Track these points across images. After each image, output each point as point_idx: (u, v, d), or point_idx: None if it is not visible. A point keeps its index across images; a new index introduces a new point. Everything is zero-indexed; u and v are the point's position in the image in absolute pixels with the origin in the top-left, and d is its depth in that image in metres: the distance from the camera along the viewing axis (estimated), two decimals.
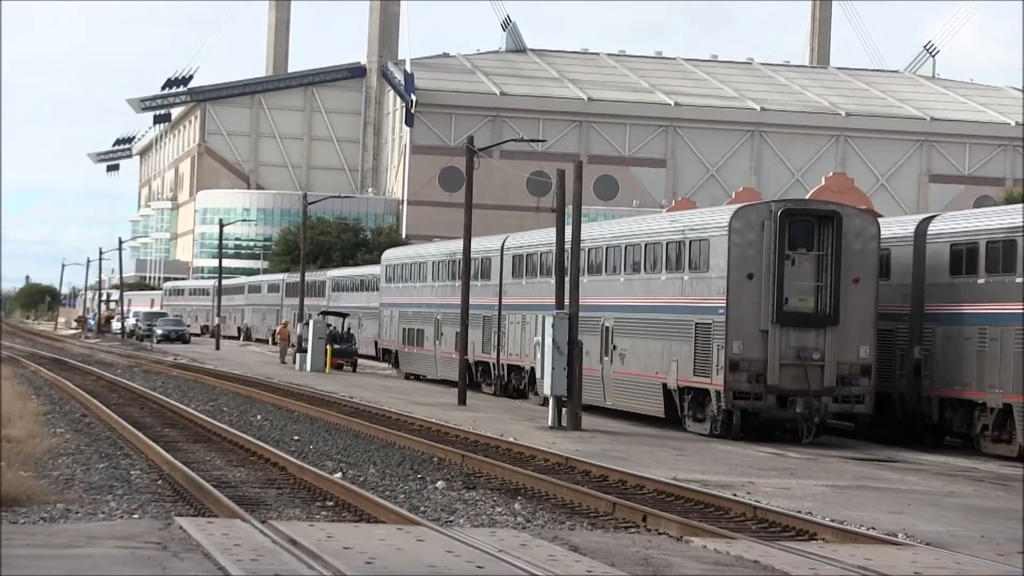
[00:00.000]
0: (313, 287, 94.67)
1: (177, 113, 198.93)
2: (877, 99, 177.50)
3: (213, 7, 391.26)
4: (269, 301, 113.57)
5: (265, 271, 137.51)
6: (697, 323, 36.99)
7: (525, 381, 49.83)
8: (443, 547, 16.15)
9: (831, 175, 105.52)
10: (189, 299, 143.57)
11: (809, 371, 35.41)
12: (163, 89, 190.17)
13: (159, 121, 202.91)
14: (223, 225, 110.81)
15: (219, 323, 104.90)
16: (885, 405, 37.07)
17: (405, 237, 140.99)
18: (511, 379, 51.54)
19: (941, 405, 35.95)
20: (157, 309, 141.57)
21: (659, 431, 37.92)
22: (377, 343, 73.34)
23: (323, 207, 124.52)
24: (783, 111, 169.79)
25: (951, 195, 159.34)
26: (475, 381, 53.31)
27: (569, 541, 17.87)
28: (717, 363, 35.79)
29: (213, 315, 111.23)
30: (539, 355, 40.09)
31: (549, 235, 45.76)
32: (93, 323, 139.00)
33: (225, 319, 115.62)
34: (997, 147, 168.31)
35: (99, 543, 15.77)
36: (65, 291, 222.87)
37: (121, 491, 22.09)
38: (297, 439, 32.13)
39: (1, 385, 39.65)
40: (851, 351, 35.77)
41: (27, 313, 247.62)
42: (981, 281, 34.40)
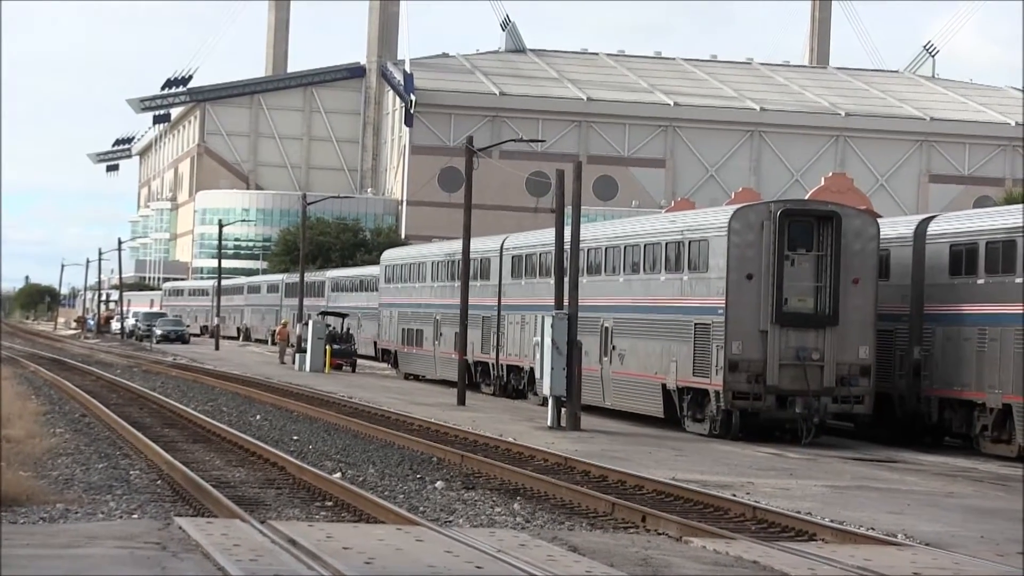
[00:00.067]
0: (312, 287, 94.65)
1: (176, 113, 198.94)
2: (877, 99, 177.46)
3: (213, 7, 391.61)
4: (268, 301, 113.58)
5: (264, 271, 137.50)
6: (696, 323, 37.00)
7: (524, 381, 49.83)
8: (442, 547, 16.15)
9: (830, 175, 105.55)
10: (188, 299, 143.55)
11: (808, 371, 35.40)
12: (163, 89, 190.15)
13: (159, 121, 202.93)
14: (222, 225, 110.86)
15: (218, 323, 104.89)
16: (884, 405, 37.07)
17: (404, 237, 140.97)
18: (510, 379, 51.54)
19: (940, 405, 35.94)
20: (156, 309, 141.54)
21: (658, 431, 37.92)
22: (376, 343, 73.35)
23: (322, 207, 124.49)
24: (782, 111, 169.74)
25: (951, 195, 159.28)
26: (474, 381, 53.32)
27: (568, 541, 17.87)
28: (716, 363, 35.79)
29: (212, 315, 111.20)
30: (538, 355, 40.10)
31: (548, 235, 45.76)
32: (92, 323, 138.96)
33: (224, 319, 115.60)
34: (997, 147, 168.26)
35: (98, 543, 15.78)
36: (64, 291, 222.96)
37: (120, 491, 22.09)
38: (296, 439, 32.13)
39: (1, 385, 39.64)
40: (850, 351, 35.76)
41: (27, 313, 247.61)
42: (981, 281, 34.39)
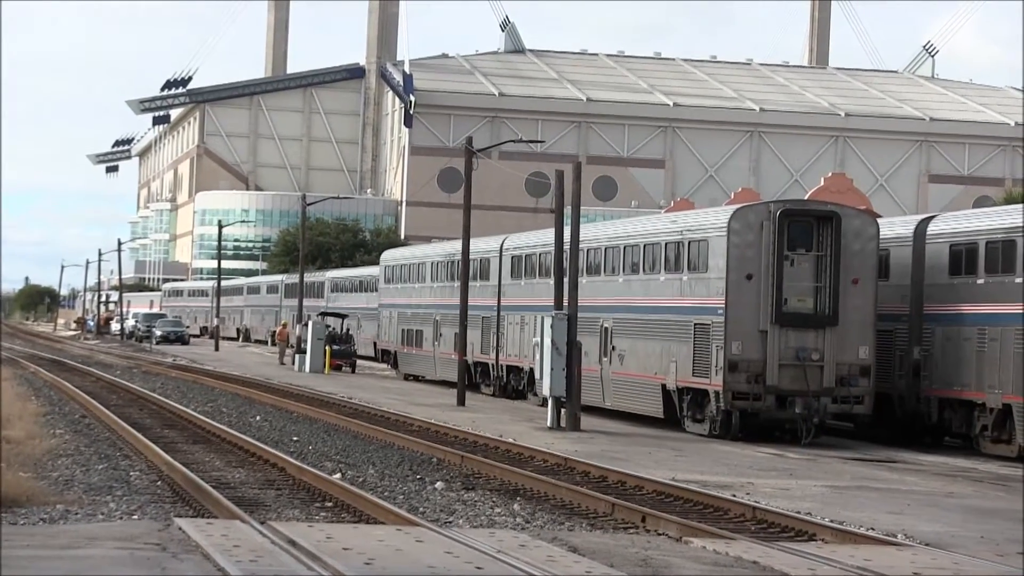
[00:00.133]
0: (312, 288, 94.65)
1: (176, 114, 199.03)
2: (876, 99, 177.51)
3: (213, 7, 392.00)
4: (268, 302, 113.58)
5: (264, 272, 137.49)
6: (696, 324, 36.99)
7: (524, 382, 49.83)
8: (442, 548, 16.15)
9: (830, 175, 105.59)
10: (188, 300, 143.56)
11: (808, 372, 35.39)
12: (162, 90, 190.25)
13: (158, 122, 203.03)
14: (222, 226, 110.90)
15: (218, 324, 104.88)
16: (884, 406, 37.07)
17: (404, 238, 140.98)
18: (510, 380, 51.54)
19: (940, 405, 35.94)
20: (156, 310, 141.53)
21: (658, 432, 37.91)
22: (376, 344, 73.34)
23: (322, 208, 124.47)
24: (782, 111, 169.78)
25: (950, 195, 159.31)
26: (474, 382, 53.31)
27: (568, 542, 17.87)
28: (716, 364, 35.79)
29: (212, 316, 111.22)
30: (538, 356, 40.09)
31: (548, 236, 45.77)
32: (92, 324, 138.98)
33: (224, 320, 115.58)
34: (996, 147, 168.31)
35: (98, 544, 15.78)
36: (64, 292, 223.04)
37: (120, 492, 22.09)
38: (296, 440, 32.12)
39: (1, 386, 39.64)
40: (850, 352, 35.76)
41: (26, 314, 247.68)
42: (980, 281, 34.39)
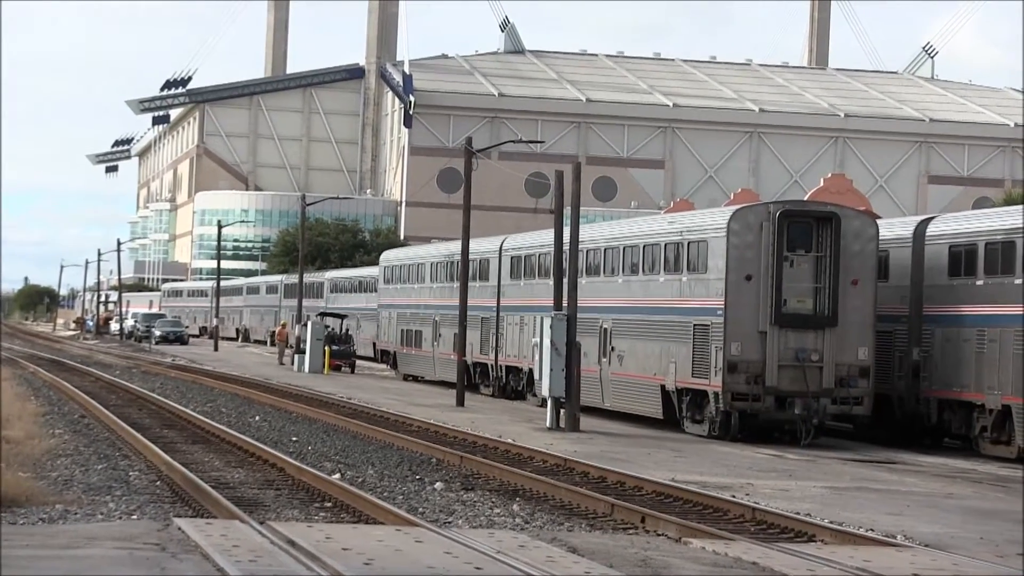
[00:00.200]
0: (311, 288, 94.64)
1: (176, 114, 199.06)
2: (876, 100, 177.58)
3: (212, 7, 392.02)
4: (267, 302, 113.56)
5: (263, 272, 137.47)
6: (695, 324, 36.99)
7: (523, 382, 49.82)
8: (441, 548, 16.15)
9: (830, 176, 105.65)
10: (187, 300, 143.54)
11: (808, 372, 35.39)
12: (162, 90, 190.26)
13: (158, 122, 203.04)
14: (221, 226, 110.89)
15: (217, 324, 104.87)
16: (884, 407, 37.07)
17: (403, 238, 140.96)
18: (509, 380, 51.53)
19: (940, 407, 35.94)
20: (155, 310, 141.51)
21: (657, 432, 37.91)
22: (375, 344, 73.34)
23: (321, 208, 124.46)
24: (782, 112, 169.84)
25: (950, 196, 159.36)
26: (473, 382, 53.30)
27: (567, 542, 17.88)
28: (715, 364, 35.78)
29: (211, 316, 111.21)
30: (537, 356, 40.09)
31: (547, 236, 45.77)
32: (92, 324, 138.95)
33: (223, 320, 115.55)
34: (996, 148, 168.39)
35: (98, 544, 15.78)
36: (63, 292, 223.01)
37: (120, 492, 22.09)
38: (295, 440, 32.12)
39: (0, 386, 39.63)
40: (850, 352, 35.75)
41: (26, 314, 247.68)
42: (980, 283, 34.39)
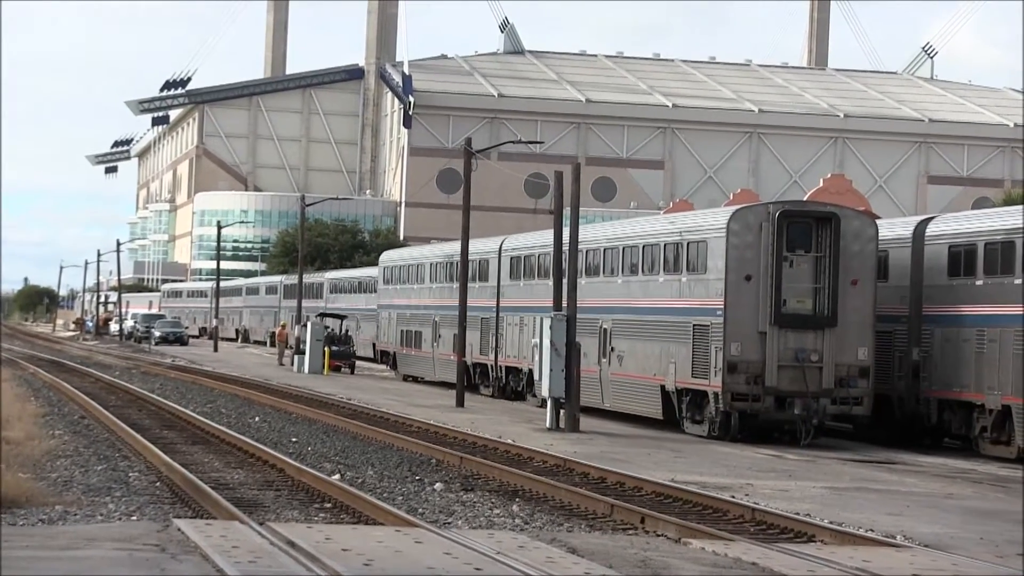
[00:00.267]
0: (311, 289, 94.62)
1: (175, 115, 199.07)
2: (875, 100, 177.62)
3: (212, 7, 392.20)
4: (267, 303, 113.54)
5: (263, 273, 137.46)
6: (695, 325, 36.99)
7: (523, 383, 49.82)
8: (441, 549, 16.15)
9: (829, 176, 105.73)
10: (187, 301, 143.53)
11: (807, 373, 35.38)
12: (161, 91, 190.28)
13: (157, 123, 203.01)
14: (221, 227, 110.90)
15: (217, 325, 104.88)
16: (884, 407, 37.06)
17: (403, 239, 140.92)
18: (509, 381, 51.52)
19: (940, 407, 35.93)
20: (155, 311, 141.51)
21: (657, 433, 37.91)
22: (375, 345, 73.33)
23: (321, 209, 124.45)
24: (781, 112, 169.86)
25: (949, 196, 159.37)
26: (473, 383, 53.28)
27: (567, 543, 17.88)
28: (715, 365, 35.77)
29: (211, 317, 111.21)
30: (537, 357, 40.08)
31: (547, 237, 45.77)
32: (91, 325, 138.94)
33: (223, 321, 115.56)
34: (995, 148, 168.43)
35: (97, 545, 15.78)
36: (63, 293, 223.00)
37: (119, 493, 22.08)
38: (295, 441, 32.12)
39: (0, 387, 39.63)
40: (849, 353, 35.75)
41: (25, 315, 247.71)
42: (979, 283, 34.38)
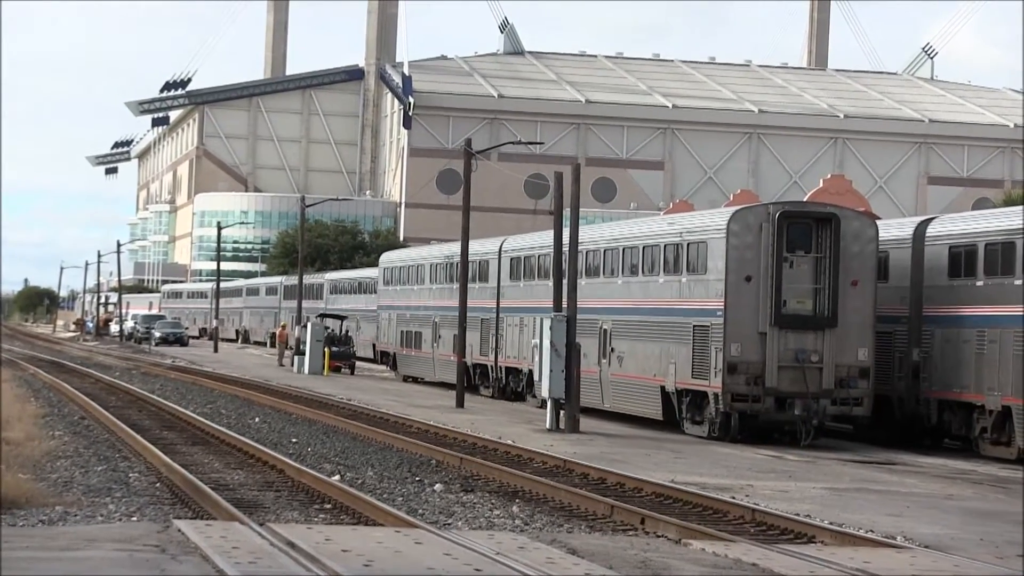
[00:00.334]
0: (311, 290, 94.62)
1: (175, 116, 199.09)
2: (875, 101, 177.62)
3: (212, 7, 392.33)
4: (267, 304, 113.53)
5: (263, 274, 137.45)
6: (695, 325, 36.98)
7: (523, 383, 49.80)
8: (441, 550, 16.15)
9: (829, 177, 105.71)
10: (187, 302, 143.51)
11: (807, 373, 35.37)
12: (161, 92, 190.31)
13: (157, 124, 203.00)
14: (221, 228, 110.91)
15: (217, 326, 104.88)
16: (884, 407, 37.05)
17: (403, 240, 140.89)
18: (509, 382, 51.51)
19: (940, 407, 35.93)
20: (155, 312, 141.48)
21: (657, 433, 37.90)
22: (375, 346, 73.32)
23: (321, 210, 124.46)
24: (781, 113, 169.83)
25: (950, 197, 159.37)
26: (473, 384, 53.27)
27: (567, 544, 17.87)
28: (715, 365, 35.77)
29: (211, 318, 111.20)
30: (537, 358, 40.07)
31: (547, 237, 45.76)
32: (91, 326, 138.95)
33: (223, 322, 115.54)
34: (996, 149, 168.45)
35: (97, 545, 15.77)
36: (63, 294, 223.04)
37: (119, 494, 22.08)
38: (295, 442, 32.12)
39: (0, 388, 39.63)
40: (849, 353, 35.74)
41: (26, 316, 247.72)
42: (980, 283, 34.38)
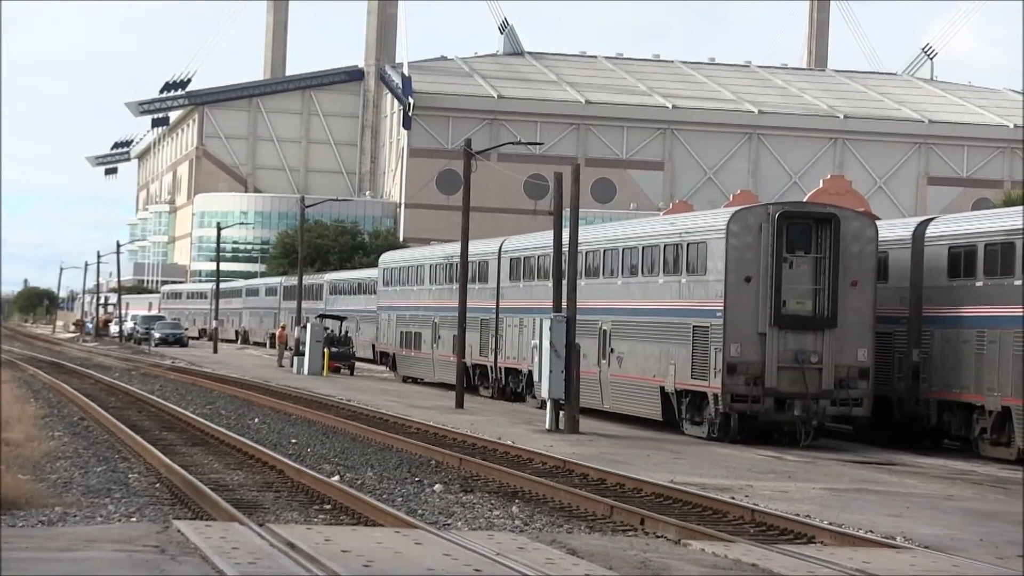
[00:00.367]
0: (311, 290, 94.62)
1: (175, 116, 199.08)
2: (875, 101, 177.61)
3: (212, 7, 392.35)
4: (267, 304, 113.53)
5: (263, 274, 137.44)
6: (695, 326, 36.98)
7: (523, 384, 49.80)
8: (441, 550, 16.14)
9: (829, 177, 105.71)
10: (187, 302, 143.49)
11: (807, 374, 35.37)
12: (161, 92, 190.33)
13: (157, 124, 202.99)
14: (221, 228, 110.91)
15: (217, 326, 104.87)
16: (883, 408, 37.05)
17: (402, 240, 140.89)
18: (508, 382, 51.51)
19: (939, 408, 35.92)
20: (155, 312, 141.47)
21: (657, 434, 37.90)
22: (375, 346, 73.31)
23: (321, 210, 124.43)
24: (781, 114, 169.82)
25: (949, 197, 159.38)
26: (472, 384, 53.27)
27: (567, 544, 17.87)
28: (715, 366, 35.76)
29: (211, 318, 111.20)
30: (537, 358, 40.07)
31: (546, 238, 45.76)
32: (91, 326, 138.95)
33: (223, 322, 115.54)
34: (995, 149, 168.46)
35: (97, 546, 15.77)
36: (63, 294, 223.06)
37: (119, 494, 22.07)
38: (295, 442, 32.11)
39: (0, 388, 39.66)
40: (849, 354, 35.73)
41: (25, 316, 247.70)
42: (979, 284, 34.38)
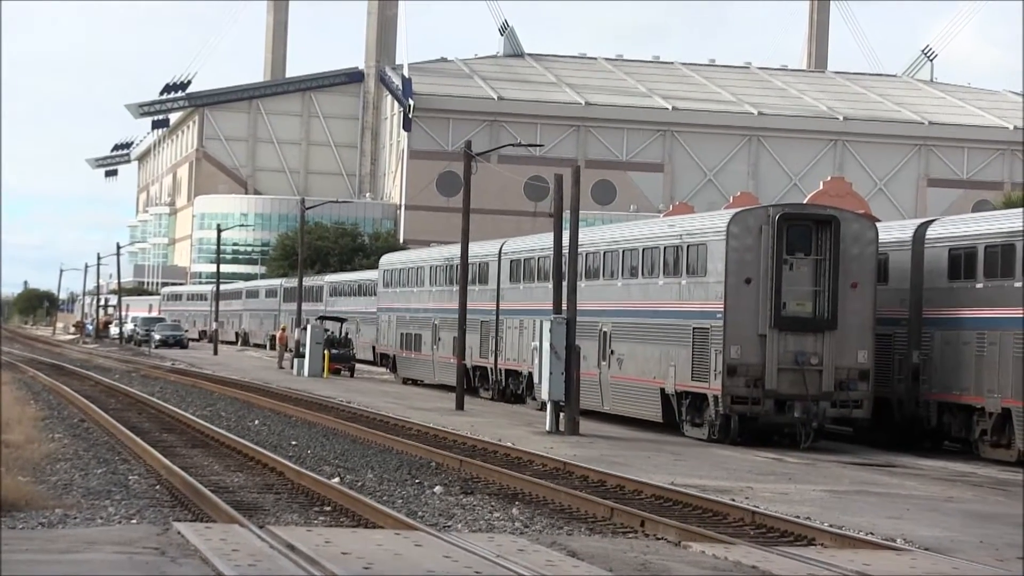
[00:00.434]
0: (311, 292, 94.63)
1: (175, 118, 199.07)
2: (875, 103, 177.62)
3: (212, 8, 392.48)
4: (267, 306, 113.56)
5: (263, 276, 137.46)
6: (695, 328, 36.98)
7: (523, 386, 49.80)
8: (441, 552, 16.14)
9: (829, 179, 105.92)
10: (187, 304, 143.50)
11: (807, 376, 35.38)
12: (161, 94, 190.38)
13: (157, 126, 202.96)
14: (221, 230, 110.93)
15: (217, 328, 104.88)
16: (883, 410, 37.06)
17: (403, 242, 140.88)
18: (509, 384, 51.51)
19: (939, 410, 35.93)
20: (155, 314, 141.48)
21: (657, 436, 37.90)
22: (375, 348, 73.32)
23: (321, 212, 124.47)
24: (781, 115, 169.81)
25: (949, 199, 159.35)
26: (473, 386, 53.26)
27: (567, 546, 17.86)
28: (715, 368, 35.77)
29: (211, 320, 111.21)
30: (537, 360, 40.08)
31: (547, 240, 45.76)
32: (91, 328, 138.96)
33: (223, 324, 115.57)
34: (995, 151, 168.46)
35: (97, 548, 15.76)
36: (63, 296, 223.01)
37: (119, 496, 22.07)
38: (295, 444, 32.11)
39: (0, 390, 39.66)
40: (849, 356, 35.74)
41: (25, 318, 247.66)
42: (979, 286, 34.39)
